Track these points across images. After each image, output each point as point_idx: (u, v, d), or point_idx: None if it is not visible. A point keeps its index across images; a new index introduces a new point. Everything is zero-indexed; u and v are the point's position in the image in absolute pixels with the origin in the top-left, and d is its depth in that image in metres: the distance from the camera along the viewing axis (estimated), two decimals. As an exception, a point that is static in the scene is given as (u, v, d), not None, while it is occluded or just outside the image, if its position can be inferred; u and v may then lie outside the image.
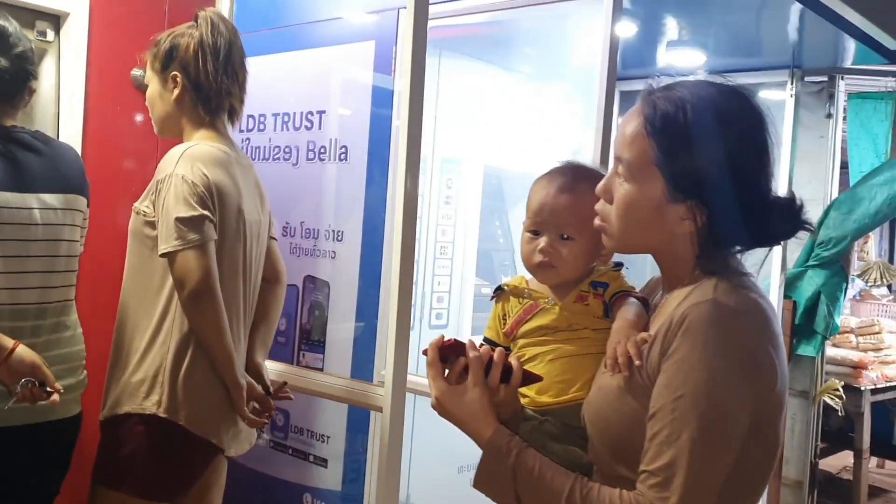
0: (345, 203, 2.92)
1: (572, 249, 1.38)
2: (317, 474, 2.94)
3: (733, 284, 1.19)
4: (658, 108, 1.22)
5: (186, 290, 1.94)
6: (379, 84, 2.84)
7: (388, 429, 1.81)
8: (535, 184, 1.46)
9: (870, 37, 3.01)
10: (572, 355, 1.36)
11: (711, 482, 1.12)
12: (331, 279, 2.94)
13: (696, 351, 1.13)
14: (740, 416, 1.13)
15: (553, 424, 1.34)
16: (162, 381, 2.00)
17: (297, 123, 3.05)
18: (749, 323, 1.15)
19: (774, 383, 1.16)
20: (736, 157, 1.19)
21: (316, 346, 2.98)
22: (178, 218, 1.94)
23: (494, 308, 1.47)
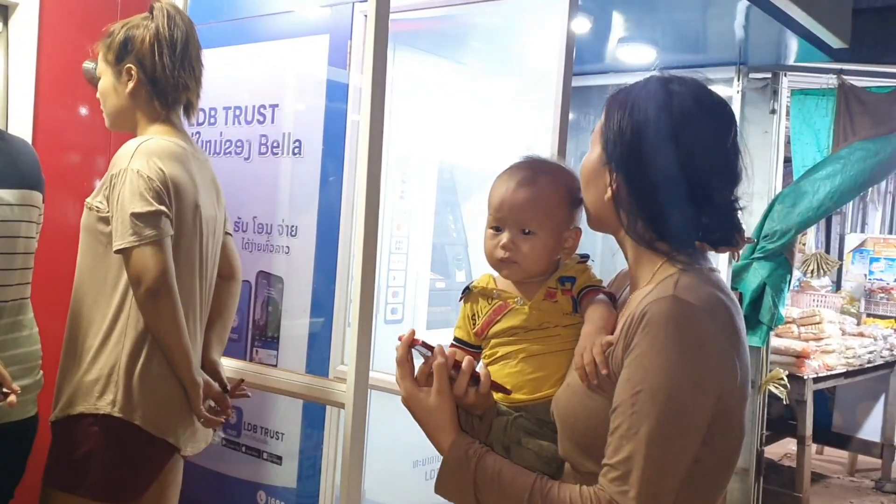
0: (299, 198, 2.90)
1: (534, 244, 1.38)
2: (271, 472, 2.92)
3: (695, 279, 1.21)
4: (621, 88, 1.31)
5: (142, 288, 1.90)
6: (334, 78, 2.82)
7: (351, 425, 1.80)
8: (496, 180, 1.44)
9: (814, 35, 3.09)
10: (544, 353, 1.36)
11: (670, 475, 1.14)
12: (285, 274, 2.92)
13: (655, 347, 1.15)
14: (698, 411, 1.14)
15: (527, 419, 1.35)
16: (116, 380, 1.95)
17: (249, 117, 3.02)
18: (708, 319, 1.16)
19: (734, 378, 1.17)
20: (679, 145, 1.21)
21: (270, 343, 2.95)
22: (133, 213, 1.89)
23: (463, 308, 1.46)
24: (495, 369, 1.39)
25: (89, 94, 2.11)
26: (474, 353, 1.43)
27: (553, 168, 1.43)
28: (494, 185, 1.44)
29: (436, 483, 1.32)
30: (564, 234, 1.41)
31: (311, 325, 2.84)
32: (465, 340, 1.44)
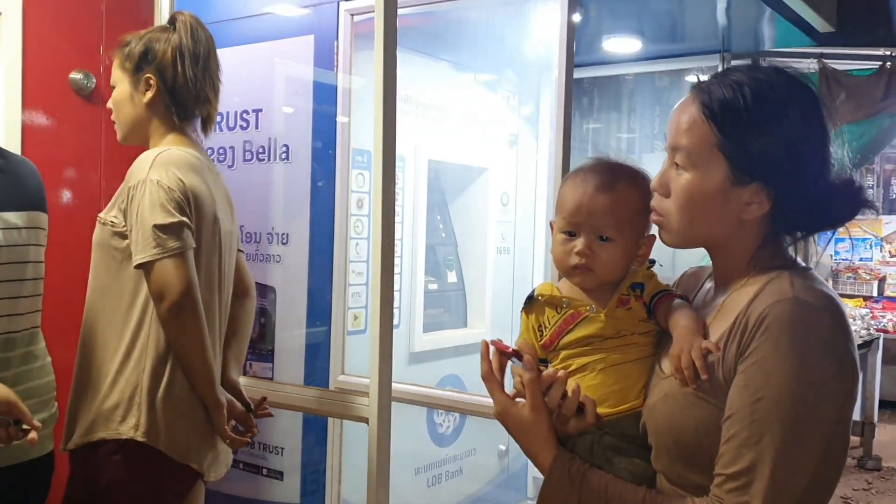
0: (289, 204, 2.81)
1: (611, 251, 1.31)
2: (272, 488, 2.83)
3: (806, 279, 1.15)
4: (714, 92, 1.18)
5: (166, 302, 1.81)
6: (320, 80, 2.74)
7: (376, 440, 1.73)
8: (569, 181, 1.37)
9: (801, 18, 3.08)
10: (624, 362, 1.30)
11: (795, 485, 1.08)
12: (277, 284, 2.83)
13: (778, 351, 1.09)
14: (824, 417, 1.09)
15: (613, 436, 1.28)
16: (139, 403, 1.85)
17: (231, 123, 2.92)
18: (830, 320, 1.11)
19: (857, 380, 1.13)
20: (799, 136, 1.15)
21: (264, 355, 2.86)
22: (155, 225, 1.81)
23: (526, 319, 1.38)
24: (570, 384, 1.31)
25: (76, 105, 2.00)
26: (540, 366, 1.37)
27: (631, 172, 1.36)
28: (566, 187, 1.36)
29: (538, 501, 1.28)
30: (640, 241, 1.35)
31: (308, 335, 2.76)
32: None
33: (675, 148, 1.21)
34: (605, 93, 4.90)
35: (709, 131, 1.17)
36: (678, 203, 1.21)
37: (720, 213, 1.19)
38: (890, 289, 7.16)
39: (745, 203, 1.17)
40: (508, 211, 3.58)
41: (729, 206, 1.18)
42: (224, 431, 1.96)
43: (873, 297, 7.09)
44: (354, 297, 2.76)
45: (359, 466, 2.76)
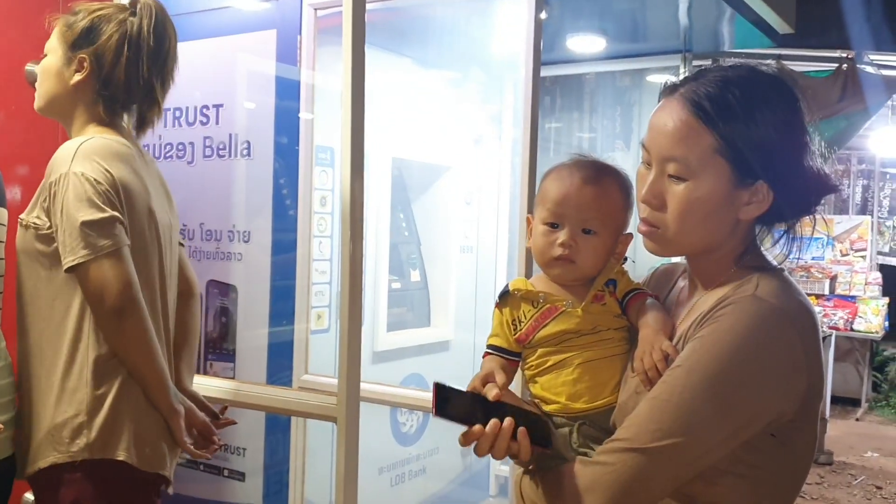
0: (251, 201, 2.76)
1: (594, 244, 1.32)
2: (234, 489, 2.78)
3: (779, 282, 1.16)
4: (701, 94, 1.16)
5: (106, 306, 1.68)
6: (283, 75, 2.69)
7: (344, 439, 1.70)
8: (553, 174, 1.37)
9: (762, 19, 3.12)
10: (599, 358, 1.30)
11: (677, 454, 1.10)
12: (238, 283, 2.78)
13: (716, 334, 1.11)
14: (739, 409, 1.11)
15: (591, 427, 1.29)
16: (88, 419, 1.72)
17: (190, 118, 2.86)
18: (786, 321, 1.12)
19: (798, 390, 1.13)
20: (788, 128, 1.15)
21: (225, 355, 2.81)
22: (84, 223, 1.66)
23: (500, 313, 1.37)
24: (547, 379, 1.32)
25: (33, 98, 1.90)
26: (513, 360, 1.36)
27: (614, 169, 1.37)
28: (550, 179, 1.36)
29: None
30: (619, 238, 1.35)
31: (271, 334, 2.72)
32: (503, 348, 1.35)
33: (665, 159, 1.18)
34: (566, 92, 4.92)
35: (707, 136, 1.15)
36: (678, 214, 1.18)
37: (721, 217, 1.18)
38: (841, 287, 7.31)
39: (745, 203, 1.17)
40: (472, 209, 3.58)
41: (731, 208, 1.18)
42: (183, 441, 1.83)
43: (825, 295, 7.23)
44: (318, 296, 2.73)
45: (322, 467, 2.75)
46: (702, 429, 1.10)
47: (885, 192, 8.53)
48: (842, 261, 7.54)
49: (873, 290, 7.21)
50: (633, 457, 1.12)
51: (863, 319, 6.99)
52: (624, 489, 1.12)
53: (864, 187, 8.55)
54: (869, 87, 4.15)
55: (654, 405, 1.13)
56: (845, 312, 7.00)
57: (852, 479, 5.54)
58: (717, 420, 1.10)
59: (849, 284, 7.32)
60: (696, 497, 1.15)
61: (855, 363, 7.57)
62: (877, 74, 4.33)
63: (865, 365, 7.57)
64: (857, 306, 7.03)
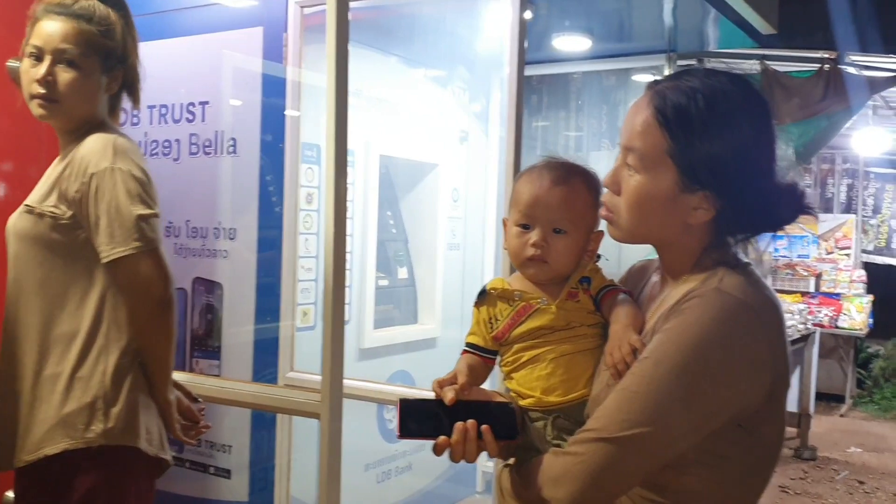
0: (237, 199, 2.77)
1: (565, 243, 1.35)
2: (220, 487, 2.79)
3: (743, 277, 1.18)
4: (668, 98, 1.19)
5: (152, 299, 1.72)
6: (269, 72, 2.70)
7: (328, 436, 1.71)
8: (524, 176, 1.40)
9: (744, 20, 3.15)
10: (573, 353, 1.33)
11: (644, 445, 1.13)
12: (224, 280, 2.79)
13: (682, 326, 1.14)
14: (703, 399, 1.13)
15: (565, 420, 1.32)
16: (106, 406, 1.74)
17: (176, 116, 2.87)
18: (751, 315, 1.15)
19: (763, 381, 1.15)
20: (747, 145, 1.18)
21: (211, 352, 2.82)
22: (140, 216, 1.70)
23: (478, 313, 1.40)
24: (522, 374, 1.35)
25: (15, 94, 1.89)
26: (489, 358, 1.38)
27: (583, 170, 1.39)
28: (522, 182, 1.39)
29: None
30: (591, 236, 1.38)
31: (256, 331, 2.73)
32: (480, 346, 1.38)
33: (628, 149, 1.23)
34: (553, 91, 4.94)
35: (661, 138, 1.19)
36: (628, 203, 1.23)
37: (667, 216, 1.22)
38: (826, 285, 7.36)
39: (693, 208, 1.20)
40: (459, 207, 3.59)
41: (676, 210, 1.21)
42: (176, 429, 1.88)
43: (810, 292, 7.28)
44: (304, 294, 2.74)
45: (308, 464, 2.75)
46: (669, 418, 1.13)
47: (868, 191, 8.59)
48: (826, 259, 7.59)
49: (857, 287, 7.26)
50: (602, 446, 1.14)
51: (847, 317, 7.04)
52: (594, 478, 1.15)
53: (849, 186, 8.61)
54: (851, 87, 4.20)
55: (623, 396, 1.16)
56: (830, 310, 7.05)
57: (835, 475, 5.58)
58: (683, 410, 1.13)
59: (833, 282, 7.37)
60: (665, 486, 1.18)
61: (839, 360, 7.62)
62: (859, 75, 4.37)
63: (850, 362, 7.63)
64: (841, 304, 7.08)
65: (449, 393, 1.25)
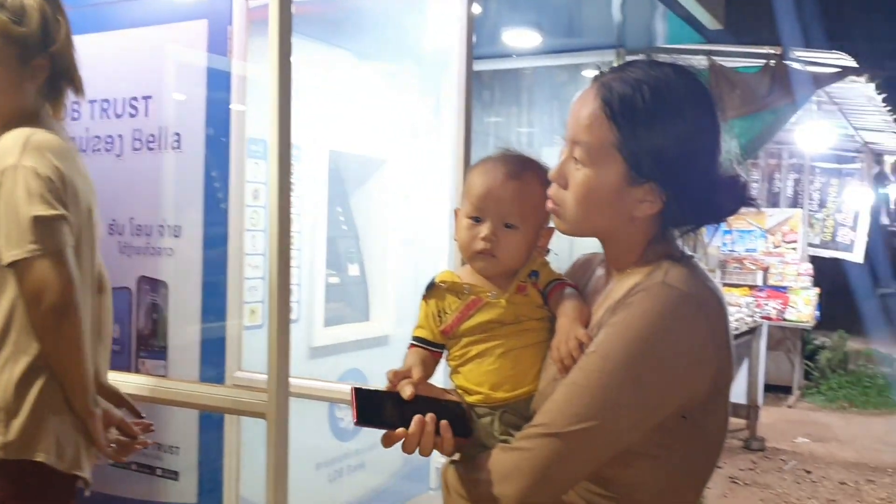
0: (182, 195, 2.71)
1: (515, 238, 1.33)
2: (167, 489, 2.73)
3: (687, 270, 1.19)
4: (615, 90, 1.19)
5: (45, 305, 1.64)
6: (214, 66, 2.65)
7: (274, 436, 1.68)
8: (478, 168, 1.39)
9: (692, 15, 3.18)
10: (521, 347, 1.32)
11: (591, 438, 1.13)
12: (169, 278, 2.73)
13: (629, 319, 1.14)
14: (650, 391, 1.13)
15: (512, 415, 1.30)
16: (7, 418, 1.67)
17: (119, 110, 2.80)
18: (694, 307, 1.16)
19: (707, 372, 1.16)
20: (693, 136, 1.18)
21: (157, 352, 2.76)
22: (35, 217, 1.63)
23: (426, 306, 1.38)
24: (469, 369, 1.33)
25: None
26: (436, 352, 1.37)
27: (537, 165, 1.38)
28: (475, 173, 1.38)
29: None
30: (541, 231, 1.37)
31: (203, 331, 2.67)
32: (428, 340, 1.37)
33: (574, 142, 1.22)
34: (505, 87, 4.94)
35: (608, 131, 1.18)
36: (575, 196, 1.23)
37: (614, 209, 1.22)
38: (773, 278, 7.49)
39: (638, 201, 1.21)
40: (411, 203, 3.56)
41: (623, 203, 1.21)
42: (101, 443, 1.79)
43: (758, 286, 7.41)
44: (251, 292, 2.69)
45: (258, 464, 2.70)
46: (616, 412, 1.13)
47: (814, 186, 8.77)
48: (774, 252, 7.73)
49: (804, 280, 7.40)
50: (550, 441, 1.14)
51: (794, 309, 7.18)
52: (542, 474, 1.14)
53: (796, 181, 8.79)
54: (796, 82, 4.27)
55: (570, 390, 1.15)
56: (777, 303, 7.19)
57: (783, 465, 5.69)
58: (630, 403, 1.13)
59: (781, 275, 7.50)
60: (612, 479, 1.18)
61: (787, 352, 7.78)
62: (803, 70, 4.45)
63: (797, 353, 7.78)
64: (788, 297, 7.22)
65: (407, 388, 1.24)
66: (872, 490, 5.22)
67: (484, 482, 1.20)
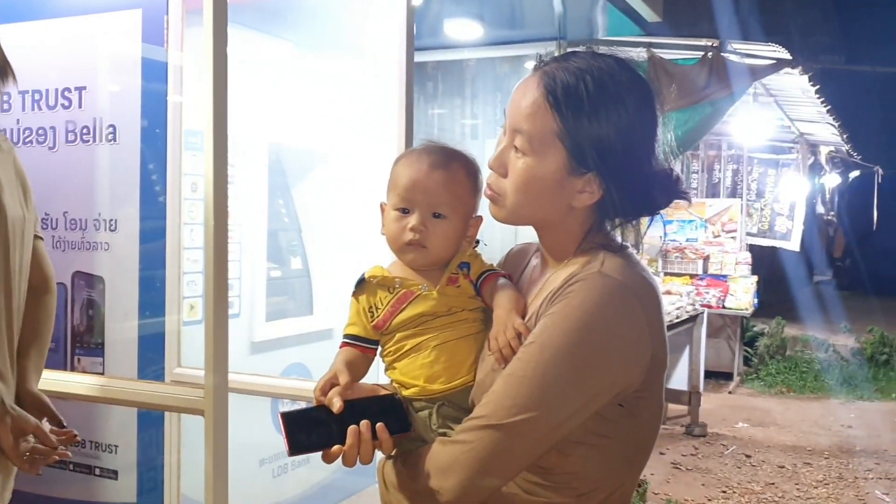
0: (117, 188, 2.65)
1: (444, 228, 1.33)
2: (106, 488, 2.68)
3: (623, 260, 1.20)
4: (558, 79, 1.18)
5: None
6: (149, 56, 2.59)
7: (213, 433, 1.65)
8: (403, 160, 1.38)
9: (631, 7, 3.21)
10: (456, 339, 1.31)
11: (531, 429, 1.13)
12: (106, 273, 2.67)
13: (566, 309, 1.14)
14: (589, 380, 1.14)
15: (450, 407, 1.30)
16: None
17: (51, 102, 2.73)
18: (631, 296, 1.17)
19: (644, 360, 1.17)
20: (634, 128, 1.19)
21: (93, 349, 2.69)
22: None
23: (356, 302, 1.37)
24: (405, 363, 1.32)
25: None
26: (370, 349, 1.36)
27: (462, 154, 1.38)
28: (400, 165, 1.37)
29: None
30: (470, 221, 1.36)
31: (141, 327, 2.62)
32: (361, 336, 1.35)
33: (516, 130, 1.22)
34: (448, 78, 4.94)
35: (551, 119, 1.18)
36: (515, 185, 1.23)
37: (553, 198, 1.22)
38: (713, 267, 7.65)
39: (578, 191, 1.21)
40: (353, 195, 3.53)
41: (562, 192, 1.21)
42: (12, 452, 1.68)
43: (699, 274, 7.55)
44: (190, 286, 2.64)
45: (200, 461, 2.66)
46: (556, 402, 1.13)
47: (752, 176, 8.96)
48: (714, 242, 7.88)
49: (743, 269, 7.57)
50: (490, 433, 1.14)
51: (734, 297, 7.34)
52: (483, 466, 1.14)
53: (734, 171, 8.97)
54: (733, 74, 4.35)
55: (510, 381, 1.15)
56: (717, 291, 7.34)
57: (724, 450, 5.82)
58: (570, 392, 1.14)
59: (720, 264, 7.66)
60: (551, 469, 1.19)
61: (727, 339, 7.95)
62: (740, 62, 4.53)
63: (737, 340, 7.96)
64: (728, 285, 7.38)
65: (336, 401, 1.22)
66: (809, 472, 5.37)
67: (423, 476, 1.20)
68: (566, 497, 1.19)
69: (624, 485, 1.24)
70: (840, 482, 5.19)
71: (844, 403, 7.39)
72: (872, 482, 5.19)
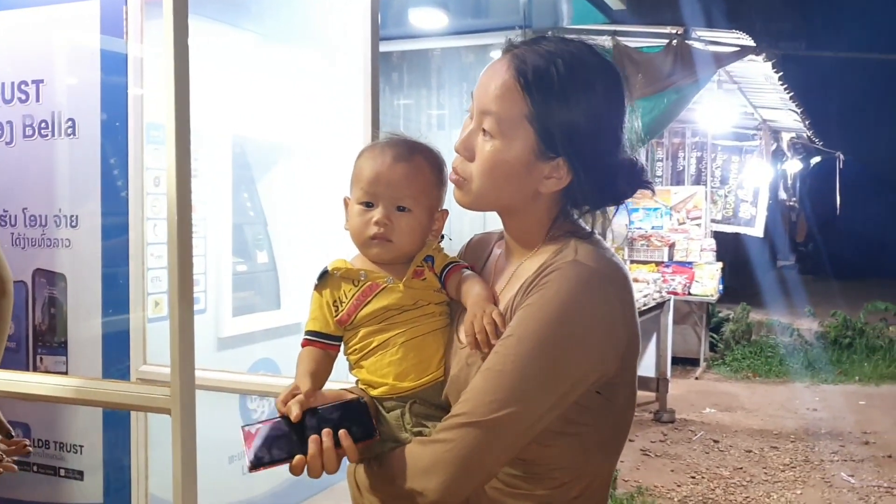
0: (78, 184, 2.60)
1: (409, 221, 1.31)
2: (71, 489, 2.63)
3: (594, 247, 1.19)
4: (529, 61, 1.16)
5: None
6: (109, 48, 2.54)
7: (180, 431, 1.62)
8: (366, 153, 1.35)
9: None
10: (423, 334, 1.29)
11: (512, 422, 1.12)
12: (67, 271, 2.62)
13: (543, 300, 1.13)
14: (568, 369, 1.13)
15: (422, 405, 1.27)
16: None
17: (7, 95, 2.67)
18: (608, 286, 1.16)
19: (620, 345, 1.17)
20: (603, 114, 1.18)
21: (56, 349, 2.64)
22: None
23: (319, 296, 1.34)
24: (372, 361, 1.29)
25: None
26: (333, 346, 1.32)
27: (425, 147, 1.36)
28: (363, 159, 1.34)
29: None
30: (435, 214, 1.35)
31: (105, 324, 2.57)
32: (323, 332, 1.32)
33: (484, 112, 1.20)
34: (414, 68, 4.91)
35: (521, 102, 1.16)
36: (481, 169, 1.21)
37: (520, 183, 1.21)
38: (679, 254, 7.70)
39: (545, 176, 1.20)
40: (319, 187, 3.50)
41: (530, 177, 1.20)
42: None
43: (664, 262, 7.60)
44: (154, 282, 2.59)
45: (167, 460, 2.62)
46: (536, 394, 1.12)
47: (716, 164, 9.04)
48: (679, 229, 7.94)
49: (708, 255, 7.64)
50: (471, 431, 1.12)
51: (699, 284, 7.40)
52: (466, 464, 1.13)
53: (698, 159, 9.04)
54: (698, 61, 4.37)
55: (489, 377, 1.14)
56: (683, 278, 7.39)
57: (692, 435, 5.87)
58: (549, 384, 1.12)
59: (686, 251, 7.72)
60: (532, 461, 1.18)
61: (693, 325, 8.02)
62: (705, 50, 4.56)
63: (703, 326, 8.04)
64: (693, 271, 7.44)
65: (294, 408, 1.18)
66: (776, 456, 5.44)
67: (402, 478, 1.17)
68: (547, 488, 1.18)
69: (601, 472, 1.24)
70: (806, 465, 5.26)
71: (809, 387, 7.50)
72: (838, 464, 5.27)
